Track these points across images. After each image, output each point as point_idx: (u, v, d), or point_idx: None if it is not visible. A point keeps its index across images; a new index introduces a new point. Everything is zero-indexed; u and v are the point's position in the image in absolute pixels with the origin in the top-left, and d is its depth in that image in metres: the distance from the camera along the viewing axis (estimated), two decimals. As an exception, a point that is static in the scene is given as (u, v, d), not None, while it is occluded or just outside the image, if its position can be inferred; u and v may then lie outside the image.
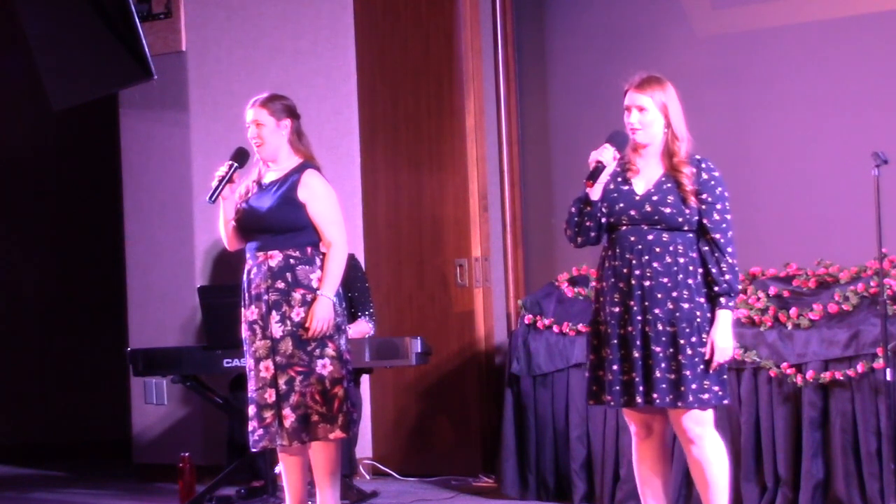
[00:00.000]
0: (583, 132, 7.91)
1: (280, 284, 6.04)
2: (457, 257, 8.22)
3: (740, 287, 5.43)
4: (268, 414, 6.04)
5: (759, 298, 6.72)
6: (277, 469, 6.89)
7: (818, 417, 6.50)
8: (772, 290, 6.74)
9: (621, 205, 5.43)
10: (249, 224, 6.14)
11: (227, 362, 7.25)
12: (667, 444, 5.57)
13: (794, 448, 6.56)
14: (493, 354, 8.16)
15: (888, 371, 6.14)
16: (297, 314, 6.03)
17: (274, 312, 6.04)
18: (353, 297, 7.53)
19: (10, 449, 9.93)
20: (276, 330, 6.04)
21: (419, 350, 7.19)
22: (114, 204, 9.02)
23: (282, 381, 6.01)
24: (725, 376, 5.40)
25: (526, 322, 7.42)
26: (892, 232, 6.34)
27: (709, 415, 5.41)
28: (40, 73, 8.11)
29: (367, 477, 8.36)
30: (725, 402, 5.44)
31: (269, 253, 6.08)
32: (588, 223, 5.46)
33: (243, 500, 7.42)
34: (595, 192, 5.43)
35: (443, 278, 8.27)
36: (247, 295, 6.12)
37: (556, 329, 7.29)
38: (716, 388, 5.34)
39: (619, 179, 5.47)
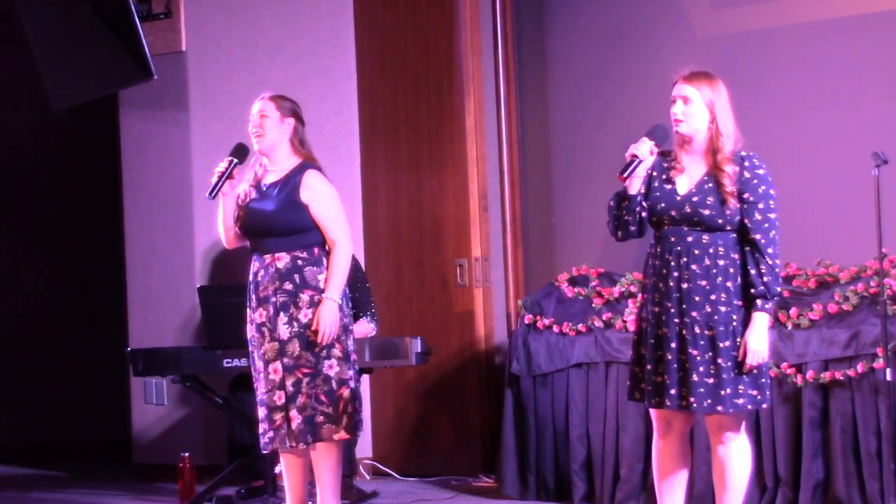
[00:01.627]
0: (583, 132, 7.92)
1: (288, 286, 6.02)
2: (457, 257, 8.21)
3: (780, 290, 5.38)
4: (278, 416, 6.02)
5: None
6: (277, 469, 6.89)
7: (818, 417, 6.50)
8: (772, 290, 6.74)
9: (662, 204, 5.38)
10: (253, 227, 6.12)
11: (227, 362, 7.25)
12: (686, 441, 5.55)
13: (794, 448, 6.55)
14: (493, 354, 8.16)
15: (888, 371, 6.13)
16: (304, 315, 6.01)
17: (282, 314, 6.02)
18: (355, 297, 7.53)
19: (10, 449, 9.92)
20: (284, 332, 6.02)
21: (419, 350, 7.20)
22: (114, 204, 9.01)
23: (289, 383, 6.00)
24: (764, 380, 5.35)
25: (526, 322, 7.42)
26: (892, 232, 6.34)
27: (741, 418, 5.40)
28: (40, 73, 8.10)
29: (367, 477, 8.36)
30: (764, 405, 5.44)
31: (277, 255, 6.06)
32: (627, 217, 5.42)
33: (243, 500, 7.42)
34: (633, 186, 5.38)
35: (443, 278, 8.27)
36: (254, 297, 6.10)
37: (556, 329, 7.29)
38: (752, 392, 5.31)
39: (664, 178, 5.42)
